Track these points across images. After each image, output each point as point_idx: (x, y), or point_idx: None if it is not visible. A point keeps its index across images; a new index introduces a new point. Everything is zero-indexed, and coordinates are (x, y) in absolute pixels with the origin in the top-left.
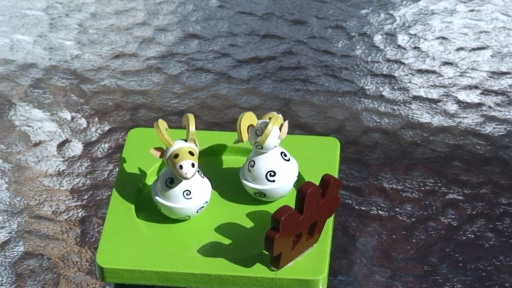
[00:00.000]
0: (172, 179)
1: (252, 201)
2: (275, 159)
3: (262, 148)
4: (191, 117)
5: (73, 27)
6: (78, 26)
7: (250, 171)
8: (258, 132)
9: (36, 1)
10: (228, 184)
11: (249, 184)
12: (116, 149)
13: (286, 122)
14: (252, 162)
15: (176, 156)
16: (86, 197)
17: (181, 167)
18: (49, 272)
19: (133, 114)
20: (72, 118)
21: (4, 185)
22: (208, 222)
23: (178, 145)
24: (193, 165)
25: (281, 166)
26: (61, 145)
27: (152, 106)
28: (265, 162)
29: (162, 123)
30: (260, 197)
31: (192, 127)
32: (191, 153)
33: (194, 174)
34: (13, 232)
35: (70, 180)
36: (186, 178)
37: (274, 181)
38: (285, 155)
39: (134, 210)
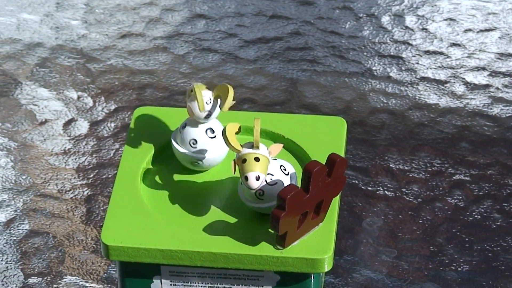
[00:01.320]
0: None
1: None
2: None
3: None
4: (257, 122)
5: (79, 7)
6: (85, 5)
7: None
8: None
9: None
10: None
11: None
12: (122, 128)
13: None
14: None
15: (244, 161)
16: (91, 175)
17: (246, 178)
18: (54, 250)
19: (139, 94)
20: (78, 97)
21: (9, 163)
22: (214, 200)
23: (246, 150)
24: (257, 178)
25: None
26: (67, 124)
27: (159, 86)
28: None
29: (231, 129)
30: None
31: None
32: (257, 159)
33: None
34: (18, 210)
35: (76, 159)
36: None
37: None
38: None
39: (139, 189)
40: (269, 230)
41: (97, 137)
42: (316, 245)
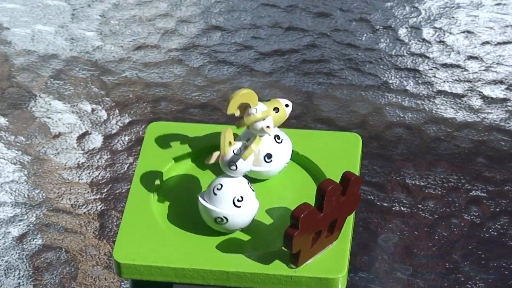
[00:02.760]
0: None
1: (272, 198)
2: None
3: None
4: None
5: (95, 18)
6: (100, 16)
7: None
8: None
9: None
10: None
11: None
12: (136, 142)
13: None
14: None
15: (276, 109)
16: (105, 190)
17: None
18: (67, 265)
19: (154, 107)
20: (93, 110)
21: (23, 177)
22: None
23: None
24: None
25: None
26: (81, 137)
27: (173, 99)
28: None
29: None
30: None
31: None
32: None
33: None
34: (31, 225)
35: (89, 173)
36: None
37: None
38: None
39: (152, 205)
40: (283, 248)
41: (111, 150)
42: (330, 264)
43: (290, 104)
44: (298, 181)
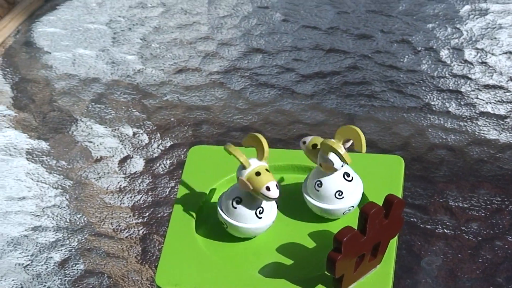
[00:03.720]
0: (240, 198)
1: (314, 220)
2: (341, 180)
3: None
4: (262, 137)
5: (136, 41)
6: (141, 40)
7: (318, 191)
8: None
9: (99, 15)
10: (290, 203)
11: (315, 203)
12: (177, 166)
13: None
14: (319, 182)
15: (258, 174)
16: (147, 214)
17: (268, 188)
18: None
19: (195, 130)
20: (134, 134)
21: (64, 201)
22: (269, 241)
23: (255, 164)
24: (277, 186)
25: (347, 186)
26: (123, 161)
27: (215, 122)
28: (332, 183)
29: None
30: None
31: (266, 146)
32: (268, 170)
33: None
34: (73, 250)
35: (131, 197)
36: (273, 199)
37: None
38: (348, 175)
39: (194, 229)
40: (325, 272)
41: (152, 174)
42: (374, 286)
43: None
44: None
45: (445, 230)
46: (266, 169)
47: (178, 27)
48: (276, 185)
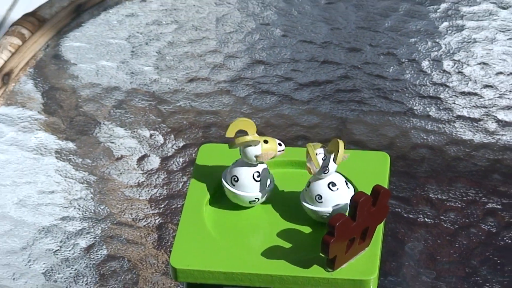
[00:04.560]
0: (236, 177)
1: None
2: (324, 186)
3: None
4: (245, 119)
5: (152, 54)
6: (157, 53)
7: (306, 191)
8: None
9: (119, 31)
10: (289, 195)
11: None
12: (189, 163)
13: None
14: (308, 183)
15: (266, 141)
16: (162, 206)
17: (280, 144)
18: (129, 273)
19: (205, 132)
20: (151, 135)
21: (89, 195)
22: (270, 227)
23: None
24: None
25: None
26: (141, 159)
27: (222, 125)
28: (315, 186)
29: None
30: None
31: (253, 123)
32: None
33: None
34: (97, 237)
35: (148, 190)
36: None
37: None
38: (334, 185)
39: (204, 217)
40: (320, 254)
41: (167, 171)
42: (363, 267)
43: (283, 145)
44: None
45: (426, 219)
46: (264, 140)
47: (189, 42)
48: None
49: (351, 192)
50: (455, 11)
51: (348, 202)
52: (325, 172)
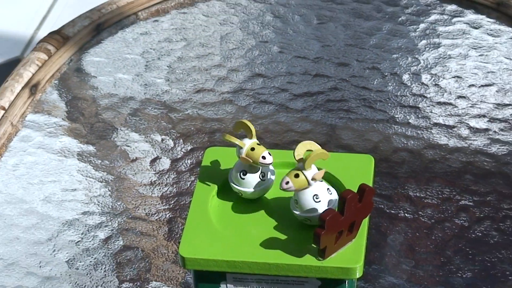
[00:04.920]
0: (245, 171)
1: None
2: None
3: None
4: (247, 121)
5: (163, 68)
6: (167, 67)
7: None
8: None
9: (134, 47)
10: (285, 194)
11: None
12: (196, 164)
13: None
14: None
15: (253, 149)
16: (172, 202)
17: (263, 157)
18: (142, 261)
19: (210, 137)
20: (162, 139)
21: (107, 192)
22: (268, 221)
23: (248, 142)
24: (269, 153)
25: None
26: (153, 161)
27: (226, 131)
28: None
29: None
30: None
31: (252, 127)
32: (297, 176)
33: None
34: (114, 230)
35: (160, 188)
36: (268, 164)
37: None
38: (317, 197)
39: (209, 212)
40: (312, 244)
41: (177, 171)
42: (350, 256)
43: (268, 158)
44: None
45: (406, 214)
46: (257, 144)
47: (196, 57)
48: (269, 153)
49: (333, 196)
50: (432, 30)
51: (330, 206)
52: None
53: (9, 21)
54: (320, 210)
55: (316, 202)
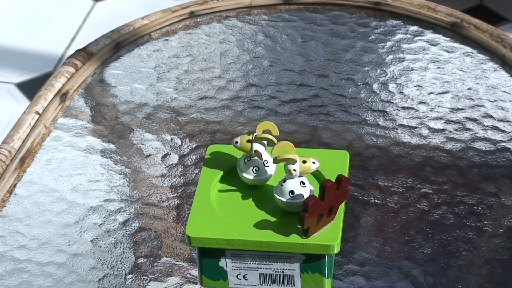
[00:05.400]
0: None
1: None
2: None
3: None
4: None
5: (172, 79)
6: (176, 78)
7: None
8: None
9: (148, 62)
10: (274, 183)
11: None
12: (200, 159)
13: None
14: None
15: (304, 162)
16: (180, 191)
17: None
18: (155, 240)
19: (212, 136)
20: (171, 139)
21: (126, 183)
22: (261, 206)
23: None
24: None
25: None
26: (164, 156)
27: (225, 131)
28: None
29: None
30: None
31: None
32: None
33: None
34: (131, 214)
35: (169, 179)
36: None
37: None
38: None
39: (211, 199)
40: (298, 225)
41: (183, 165)
42: (329, 235)
43: (316, 163)
44: (308, 181)
45: (376, 200)
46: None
47: (200, 70)
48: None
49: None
50: (397, 47)
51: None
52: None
53: (44, 41)
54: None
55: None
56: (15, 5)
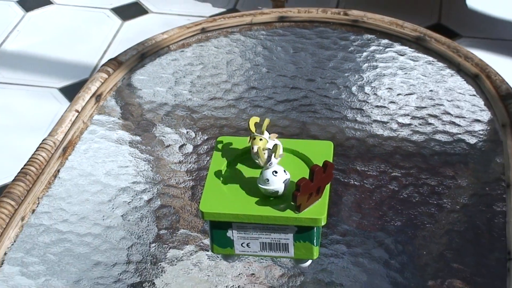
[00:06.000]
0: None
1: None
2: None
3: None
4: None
5: (188, 83)
6: (190, 83)
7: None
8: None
9: (167, 69)
10: None
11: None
12: (211, 149)
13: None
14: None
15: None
16: (194, 174)
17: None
18: (174, 215)
19: (220, 130)
20: (187, 132)
21: (149, 168)
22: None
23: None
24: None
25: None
26: (181, 147)
27: (231, 126)
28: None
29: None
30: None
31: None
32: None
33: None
34: (154, 194)
35: (186, 165)
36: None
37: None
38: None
39: (220, 180)
40: (291, 202)
41: (197, 154)
42: (317, 210)
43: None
44: (298, 166)
45: (355, 182)
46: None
47: (210, 76)
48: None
49: (287, 176)
50: (372, 57)
51: (285, 183)
52: (270, 164)
53: (82, 53)
54: (276, 184)
55: (274, 176)
56: (59, 24)
